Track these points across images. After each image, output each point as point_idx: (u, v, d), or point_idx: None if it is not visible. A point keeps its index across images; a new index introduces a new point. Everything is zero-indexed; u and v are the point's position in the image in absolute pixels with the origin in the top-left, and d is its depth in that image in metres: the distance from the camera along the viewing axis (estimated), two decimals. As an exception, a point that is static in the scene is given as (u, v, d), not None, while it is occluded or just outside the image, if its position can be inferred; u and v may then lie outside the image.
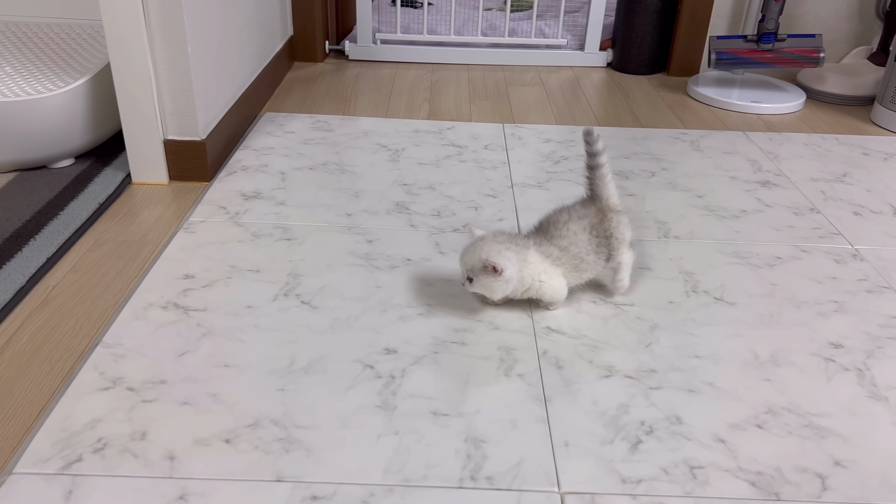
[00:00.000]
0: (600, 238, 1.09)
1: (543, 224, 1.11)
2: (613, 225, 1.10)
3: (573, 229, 1.08)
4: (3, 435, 0.86)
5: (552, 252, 1.08)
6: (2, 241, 1.22)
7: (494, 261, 1.02)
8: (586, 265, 1.09)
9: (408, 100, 2.02)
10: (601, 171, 1.10)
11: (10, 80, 1.44)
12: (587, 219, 1.09)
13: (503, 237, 1.07)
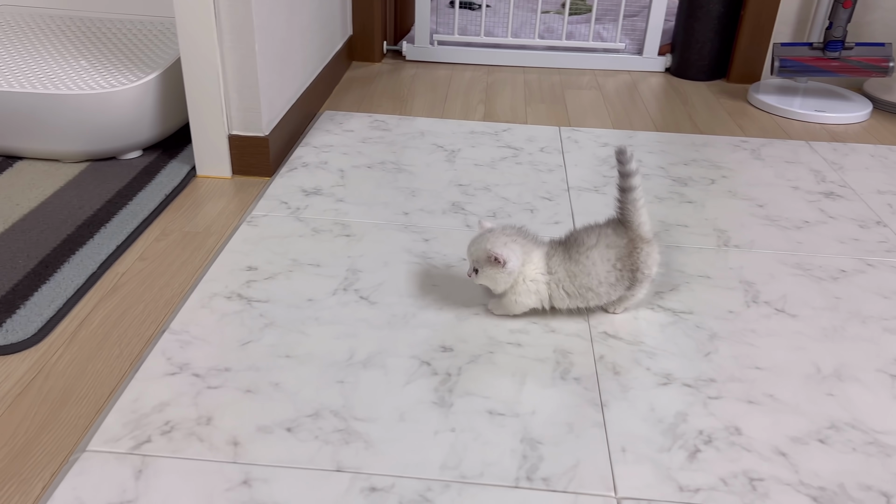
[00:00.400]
0: (625, 271, 1.04)
1: (568, 241, 1.06)
2: (642, 258, 1.04)
3: (594, 259, 1.03)
4: (77, 414, 0.90)
5: (556, 271, 1.04)
6: (75, 228, 1.27)
7: (498, 252, 1.02)
8: (593, 294, 1.04)
9: (464, 101, 2.03)
10: (634, 195, 1.02)
11: (86, 74, 1.49)
12: (616, 249, 1.03)
13: (511, 230, 1.06)
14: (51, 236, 1.24)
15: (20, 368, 0.97)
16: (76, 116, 1.43)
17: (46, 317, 1.05)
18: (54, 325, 1.05)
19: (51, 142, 1.46)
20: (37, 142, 1.46)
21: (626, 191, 1.03)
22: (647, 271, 1.06)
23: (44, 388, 0.94)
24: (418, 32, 2.31)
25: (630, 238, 1.04)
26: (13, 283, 1.11)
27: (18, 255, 1.18)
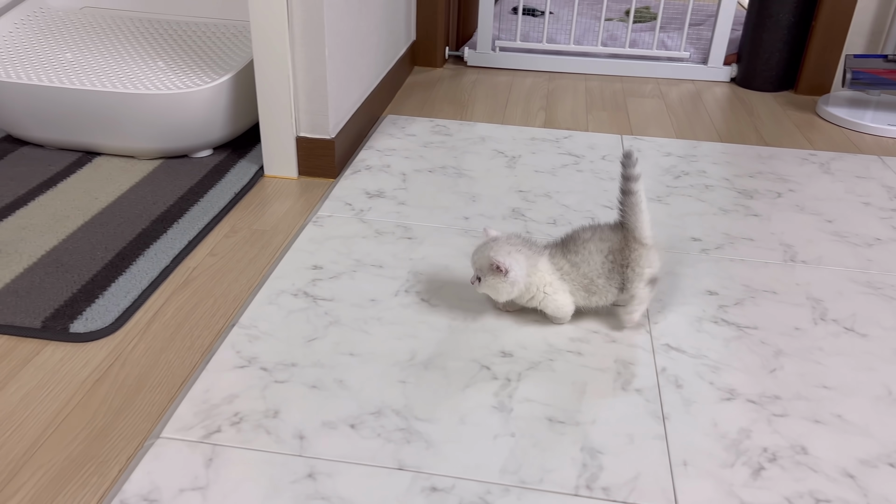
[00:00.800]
0: (615, 265, 1.05)
1: (566, 238, 1.08)
2: (634, 257, 1.04)
3: (590, 249, 1.05)
4: (150, 401, 0.94)
5: (563, 266, 1.06)
6: (149, 223, 1.32)
7: (500, 260, 1.01)
8: (596, 288, 1.05)
9: (524, 107, 2.03)
10: (634, 199, 1.03)
11: (163, 74, 1.55)
12: (609, 242, 1.05)
13: (516, 240, 1.06)
14: (127, 230, 1.29)
15: (98, 355, 1.01)
16: (152, 115, 1.48)
17: (123, 307, 1.10)
18: (130, 315, 1.09)
19: (128, 139, 1.52)
20: (115, 139, 1.53)
21: (627, 193, 1.03)
22: (638, 269, 1.04)
23: (120, 375, 0.98)
24: (480, 38, 2.33)
25: (624, 236, 1.05)
26: (93, 274, 1.16)
27: (97, 247, 1.24)
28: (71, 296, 1.11)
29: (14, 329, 1.04)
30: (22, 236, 1.26)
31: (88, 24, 1.76)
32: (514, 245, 1.05)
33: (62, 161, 1.54)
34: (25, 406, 0.92)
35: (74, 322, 1.05)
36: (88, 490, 0.81)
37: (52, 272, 1.16)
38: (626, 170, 1.02)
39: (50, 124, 1.53)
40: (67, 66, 1.56)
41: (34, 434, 0.88)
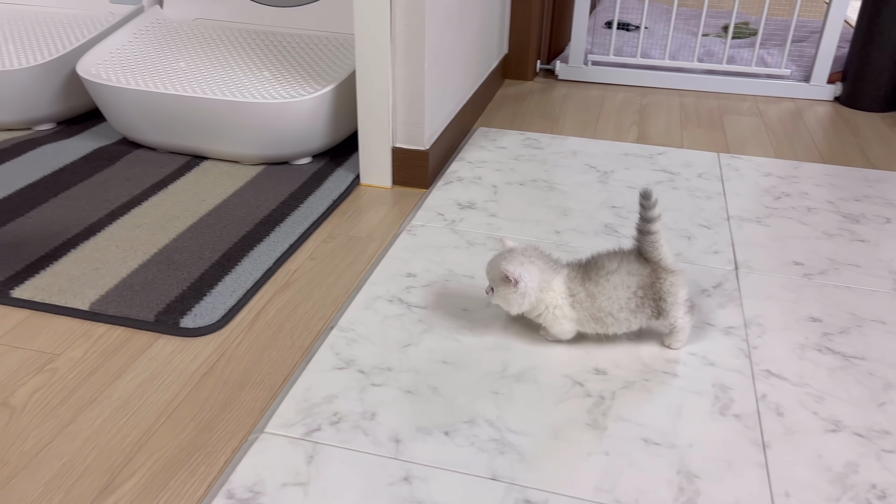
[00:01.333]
0: (646, 300, 1.01)
1: (590, 262, 1.05)
2: (667, 287, 1.01)
3: (615, 283, 1.01)
4: (254, 397, 0.98)
5: (578, 293, 1.02)
6: (253, 226, 1.38)
7: (511, 270, 1.00)
8: (613, 320, 1.02)
9: (616, 122, 2.01)
10: (653, 238, 0.99)
11: (269, 84, 1.62)
12: (638, 277, 1.01)
13: (532, 252, 1.04)
14: (232, 231, 1.36)
15: (206, 350, 1.07)
16: (258, 123, 1.55)
17: (229, 305, 1.15)
18: (235, 314, 1.15)
19: (234, 145, 1.60)
20: (221, 144, 1.61)
21: (646, 233, 1.00)
22: (673, 299, 1.01)
23: (226, 370, 1.03)
24: (573, 52, 2.32)
25: (653, 269, 1.01)
26: (201, 272, 1.22)
27: (205, 247, 1.30)
28: (181, 292, 1.17)
29: (130, 321, 1.11)
30: (136, 234, 1.34)
31: (200, 34, 1.85)
32: (529, 257, 1.03)
33: (173, 164, 1.62)
34: (140, 395, 0.98)
35: (184, 317, 1.11)
36: (197, 478, 0.85)
37: (164, 269, 1.23)
38: (644, 211, 0.98)
39: (162, 129, 1.62)
40: (180, 75, 1.65)
41: (148, 421, 0.93)
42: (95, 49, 1.72)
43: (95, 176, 1.55)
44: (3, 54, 1.74)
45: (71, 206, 1.43)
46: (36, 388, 0.98)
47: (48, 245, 1.29)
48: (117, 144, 1.72)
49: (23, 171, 1.56)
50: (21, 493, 0.83)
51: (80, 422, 0.93)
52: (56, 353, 1.05)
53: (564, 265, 1.06)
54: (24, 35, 1.84)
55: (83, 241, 1.31)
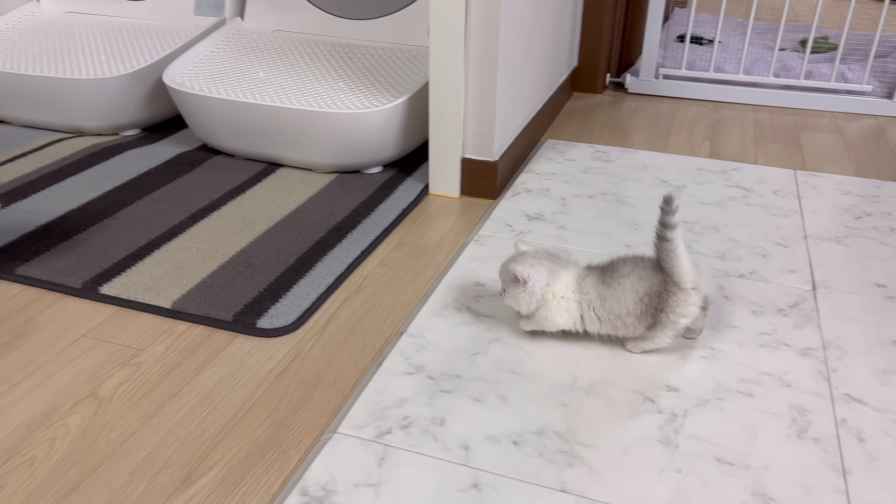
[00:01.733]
0: (649, 308, 1.01)
1: (608, 265, 1.06)
2: (671, 303, 0.99)
3: (625, 286, 1.02)
4: (327, 398, 1.00)
5: (589, 292, 1.04)
6: (326, 232, 1.42)
7: (520, 270, 1.03)
8: (621, 323, 1.03)
9: (688, 136, 1.98)
10: (671, 245, 0.98)
11: (343, 95, 1.66)
12: (648, 283, 1.01)
13: (542, 255, 1.07)
14: (306, 237, 1.39)
15: (281, 351, 1.10)
16: (332, 132, 1.59)
17: (303, 308, 1.18)
18: (309, 316, 1.18)
19: (308, 153, 1.64)
20: (296, 152, 1.65)
21: (664, 240, 0.99)
22: (673, 317, 1.00)
23: (300, 371, 1.06)
24: (644, 66, 2.30)
25: (664, 280, 1.00)
26: (277, 275, 1.26)
27: (281, 251, 1.34)
28: (258, 294, 1.21)
29: (209, 320, 1.15)
30: (216, 237, 1.39)
31: (279, 46, 1.92)
32: (538, 259, 1.06)
33: (250, 170, 1.68)
34: (218, 391, 1.01)
35: (261, 318, 1.15)
36: (272, 474, 0.88)
37: (242, 271, 1.27)
38: (664, 216, 0.97)
39: (241, 136, 1.68)
40: (259, 84, 1.71)
41: (226, 417, 0.97)
42: (180, 59, 1.80)
43: (177, 180, 1.62)
44: (95, 63, 1.84)
45: (155, 208, 1.49)
46: (122, 380, 1.03)
47: (133, 245, 1.35)
48: (198, 150, 1.79)
49: (110, 174, 1.64)
50: (107, 481, 0.87)
51: (162, 414, 0.97)
52: (140, 348, 1.10)
53: (578, 264, 1.09)
54: (114, 45, 1.94)
55: (166, 241, 1.36)
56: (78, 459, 0.90)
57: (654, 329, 1.03)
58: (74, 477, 0.87)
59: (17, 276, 1.26)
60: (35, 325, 1.15)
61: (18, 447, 0.91)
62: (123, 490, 0.86)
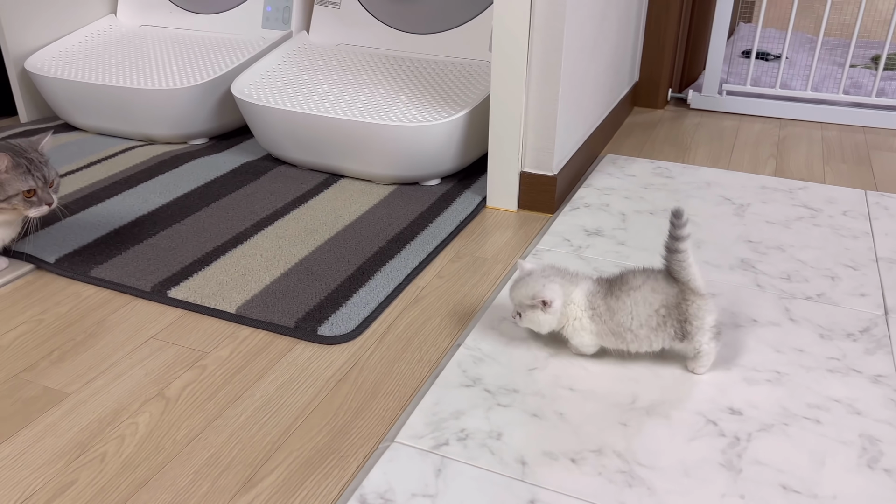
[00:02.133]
0: (670, 319, 1.01)
1: (617, 278, 1.05)
2: (693, 310, 1.00)
3: (636, 298, 1.01)
4: (384, 406, 1.02)
5: (598, 306, 1.03)
6: (385, 242, 1.44)
7: (543, 294, 1.03)
8: (632, 336, 1.02)
9: (752, 154, 1.94)
10: (682, 256, 0.99)
11: (405, 108, 1.69)
12: (662, 295, 1.01)
13: (550, 271, 1.07)
14: (366, 246, 1.41)
15: (340, 358, 1.12)
16: (393, 145, 1.61)
17: (362, 317, 1.20)
18: (367, 325, 1.19)
19: (369, 165, 1.67)
20: (358, 163, 1.68)
21: (674, 252, 1.00)
22: (697, 322, 1.00)
23: (358, 379, 1.07)
24: (707, 81, 2.26)
25: (681, 289, 1.01)
26: (337, 284, 1.28)
27: (341, 260, 1.36)
28: (319, 301, 1.23)
29: (272, 326, 1.18)
30: (279, 244, 1.42)
31: (343, 59, 1.96)
32: (548, 277, 1.05)
33: (312, 181, 1.72)
34: (280, 396, 1.04)
35: (321, 326, 1.17)
36: (331, 480, 0.89)
37: (304, 279, 1.30)
38: (674, 230, 0.98)
39: (304, 147, 1.72)
40: (323, 97, 1.75)
41: (287, 422, 0.99)
42: (248, 71, 1.86)
43: (242, 189, 1.67)
44: (167, 75, 1.91)
45: (220, 215, 1.54)
46: (188, 382, 1.06)
47: (200, 250, 1.39)
48: (263, 160, 1.84)
49: (179, 181, 1.70)
50: (173, 479, 0.90)
51: (226, 417, 0.99)
52: (206, 350, 1.13)
53: (587, 278, 1.08)
54: (185, 57, 2.01)
55: (231, 248, 1.40)
56: (146, 457, 0.93)
57: (688, 340, 1.02)
58: (142, 474, 0.90)
59: (90, 278, 1.31)
60: (107, 325, 1.20)
61: (91, 442, 0.95)
62: (188, 489, 0.88)
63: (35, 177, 1.20)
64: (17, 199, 1.19)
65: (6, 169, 1.18)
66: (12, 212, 1.21)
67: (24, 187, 1.19)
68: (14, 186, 1.19)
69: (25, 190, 1.19)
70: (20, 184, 1.19)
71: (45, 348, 1.14)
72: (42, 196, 1.22)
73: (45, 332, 1.18)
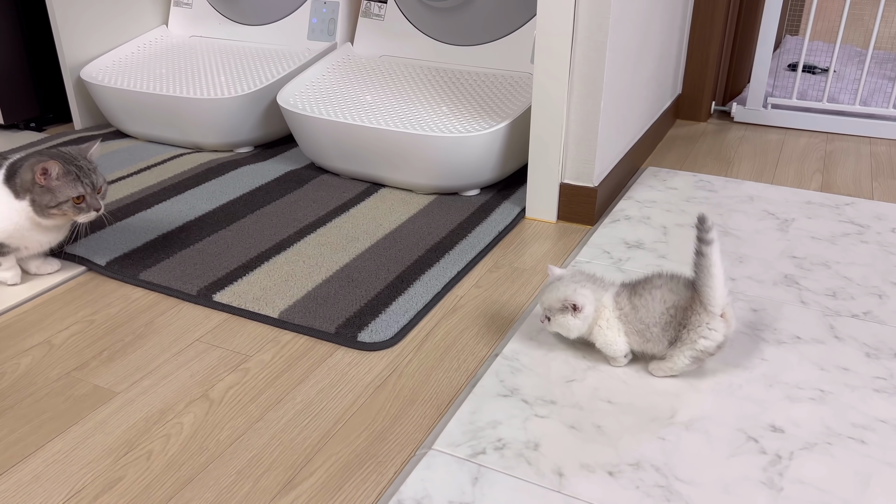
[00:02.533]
0: (674, 320, 1.02)
1: (638, 281, 1.07)
2: (694, 321, 1.01)
3: (655, 296, 1.03)
4: (422, 414, 1.03)
5: (624, 306, 1.05)
6: (424, 251, 1.45)
7: (574, 299, 1.04)
8: (651, 335, 1.04)
9: (797, 168, 1.91)
10: (705, 261, 0.99)
11: (446, 119, 1.70)
12: (676, 296, 1.03)
13: (580, 276, 1.08)
14: (406, 255, 1.43)
15: (379, 365, 1.13)
16: (434, 155, 1.63)
17: (401, 324, 1.21)
18: (406, 333, 1.20)
19: (410, 174, 1.69)
20: (398, 173, 1.70)
21: (700, 255, 1.00)
22: (693, 335, 1.01)
23: (397, 385, 1.08)
24: (752, 94, 2.24)
25: (694, 297, 1.01)
26: (377, 291, 1.30)
27: (381, 268, 1.38)
28: (359, 308, 1.25)
29: (314, 331, 1.20)
30: (321, 252, 1.45)
31: (386, 70, 1.99)
32: (579, 281, 1.07)
33: (354, 189, 1.74)
34: (320, 400, 1.05)
35: (361, 332, 1.18)
36: (369, 485, 0.90)
37: (345, 285, 1.32)
38: (700, 233, 0.99)
39: (347, 156, 1.75)
40: (366, 107, 1.77)
41: (326, 426, 1.00)
42: (294, 81, 1.90)
43: (286, 196, 1.70)
44: (215, 84, 1.96)
45: (265, 222, 1.57)
46: (231, 384, 1.09)
47: (245, 256, 1.43)
48: (306, 169, 1.87)
49: (225, 188, 1.74)
50: (216, 479, 0.92)
51: (267, 419, 1.02)
52: (249, 354, 1.16)
53: (613, 283, 1.10)
54: (233, 68, 2.06)
55: (275, 254, 1.43)
56: (190, 456, 0.95)
57: (673, 347, 1.03)
58: (187, 472, 0.93)
59: (139, 281, 1.36)
60: (154, 327, 1.23)
61: (138, 440, 0.98)
62: (230, 489, 0.90)
63: (84, 183, 1.25)
64: (67, 205, 1.24)
65: (57, 176, 1.22)
66: (62, 217, 1.26)
67: (74, 194, 1.24)
68: (64, 193, 1.23)
69: (75, 196, 1.24)
70: (70, 190, 1.23)
71: (95, 348, 1.18)
72: (90, 202, 1.26)
73: (96, 332, 1.22)
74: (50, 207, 1.23)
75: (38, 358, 1.15)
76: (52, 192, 1.23)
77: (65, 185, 1.23)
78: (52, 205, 1.23)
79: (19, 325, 1.24)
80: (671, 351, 1.04)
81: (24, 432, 1.00)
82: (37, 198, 1.23)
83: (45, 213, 1.24)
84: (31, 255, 1.35)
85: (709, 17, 2.16)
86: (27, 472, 0.93)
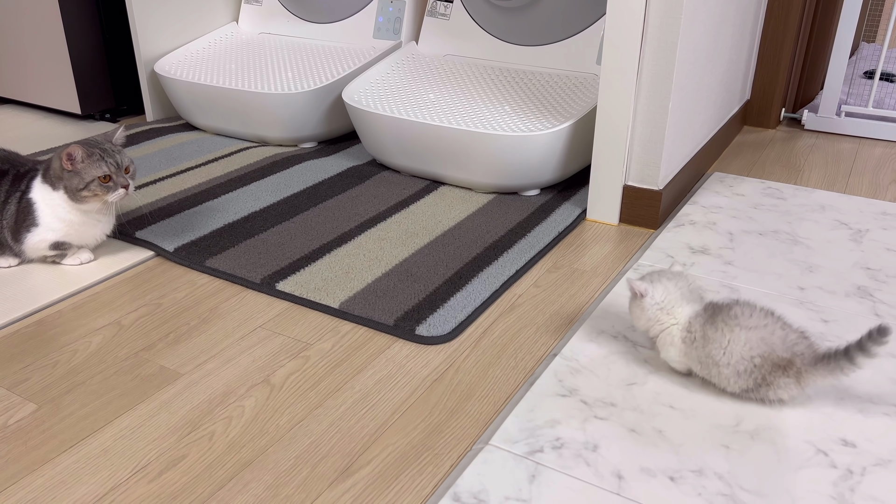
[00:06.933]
0: (759, 372, 0.95)
1: (727, 306, 0.99)
2: (779, 385, 0.95)
3: (738, 337, 0.95)
4: (479, 409, 1.02)
5: (695, 330, 1.00)
6: (482, 249, 1.45)
7: (637, 284, 1.04)
8: (717, 371, 0.98)
9: (872, 178, 1.84)
10: (852, 370, 0.94)
11: (508, 118, 1.70)
12: (770, 348, 0.94)
13: (674, 276, 1.04)
14: (464, 252, 1.43)
15: (436, 359, 1.13)
16: (495, 154, 1.63)
17: (459, 320, 1.21)
18: (464, 329, 1.20)
19: (470, 173, 1.69)
20: (459, 171, 1.70)
21: (851, 363, 0.93)
22: (771, 394, 0.97)
23: (454, 380, 1.08)
24: (825, 102, 2.16)
25: (793, 363, 0.94)
26: (435, 287, 1.30)
27: (439, 264, 1.38)
28: (417, 302, 1.25)
29: (373, 323, 1.21)
30: (381, 246, 1.46)
31: (450, 69, 1.99)
32: (664, 277, 1.04)
33: (414, 186, 1.75)
34: (378, 391, 1.06)
35: (419, 326, 1.19)
36: (425, 476, 0.90)
37: (404, 279, 1.33)
38: (868, 342, 0.92)
39: (408, 153, 1.76)
40: (429, 105, 1.78)
41: (384, 416, 1.01)
42: (359, 79, 1.92)
43: (348, 191, 1.72)
44: (283, 80, 2.00)
45: (327, 215, 1.59)
46: (292, 371, 1.11)
47: (307, 247, 1.45)
48: (368, 165, 1.89)
49: (289, 181, 1.77)
50: (275, 462, 0.93)
51: (326, 406, 1.03)
52: (309, 342, 1.17)
53: (705, 301, 1.04)
54: (300, 64, 2.10)
55: (336, 247, 1.45)
56: (251, 439, 0.97)
57: (749, 392, 0.99)
58: (247, 455, 0.94)
59: (205, 268, 1.39)
60: (219, 312, 1.26)
61: (201, 421, 1.00)
62: (289, 473, 0.91)
63: (108, 163, 1.30)
64: (95, 184, 1.30)
65: (81, 159, 1.29)
66: (95, 199, 1.31)
67: (99, 173, 1.29)
68: (90, 173, 1.29)
69: (101, 175, 1.29)
70: (95, 170, 1.29)
71: (162, 330, 1.21)
72: (117, 180, 1.31)
73: (163, 315, 1.25)
74: (80, 190, 1.29)
75: (108, 337, 1.19)
76: (79, 174, 1.29)
77: (89, 165, 1.29)
78: (80, 187, 1.29)
79: (91, 306, 1.29)
80: (758, 394, 0.99)
81: (94, 407, 1.03)
82: (67, 183, 1.30)
83: (78, 196, 1.30)
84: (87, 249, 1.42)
85: (782, 23, 2.10)
86: (96, 445, 0.96)
